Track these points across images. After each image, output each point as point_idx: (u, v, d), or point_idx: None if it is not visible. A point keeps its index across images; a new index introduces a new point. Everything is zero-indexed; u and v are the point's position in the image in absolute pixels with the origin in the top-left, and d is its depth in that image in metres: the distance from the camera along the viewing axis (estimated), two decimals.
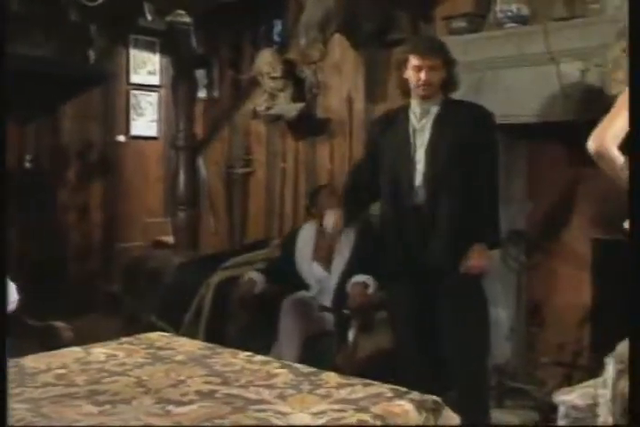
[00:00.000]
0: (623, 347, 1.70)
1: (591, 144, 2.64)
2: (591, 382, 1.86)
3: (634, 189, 1.51)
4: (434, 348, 3.37)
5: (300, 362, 3.05)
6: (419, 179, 3.26)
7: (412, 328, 3.35)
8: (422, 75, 3.23)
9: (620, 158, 2.60)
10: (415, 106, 3.32)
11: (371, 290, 3.72)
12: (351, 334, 3.62)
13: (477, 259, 3.17)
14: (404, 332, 3.42)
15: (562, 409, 1.85)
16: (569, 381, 3.45)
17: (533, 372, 3.83)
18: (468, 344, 3.27)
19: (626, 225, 1.70)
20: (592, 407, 1.77)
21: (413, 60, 3.23)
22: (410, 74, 3.26)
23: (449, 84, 3.31)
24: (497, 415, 3.46)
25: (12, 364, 2.28)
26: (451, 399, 3.37)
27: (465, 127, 3.22)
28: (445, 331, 3.27)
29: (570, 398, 1.82)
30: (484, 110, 3.31)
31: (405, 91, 3.36)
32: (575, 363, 3.60)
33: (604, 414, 1.66)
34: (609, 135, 2.60)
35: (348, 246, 3.94)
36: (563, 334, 3.72)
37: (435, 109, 3.29)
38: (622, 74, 2.86)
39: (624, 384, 1.59)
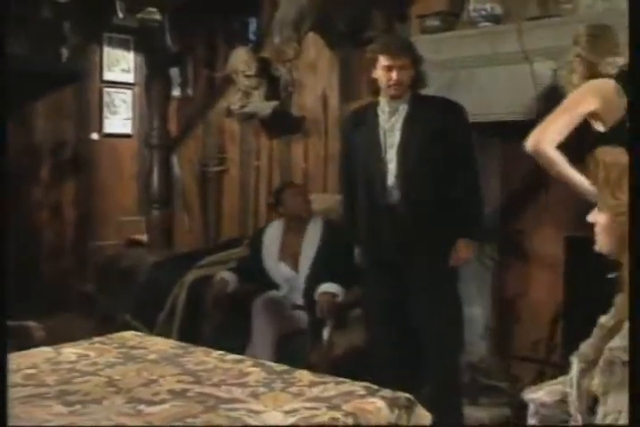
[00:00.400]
0: (586, 346, 1.71)
1: (528, 144, 2.79)
2: (560, 379, 1.87)
3: (634, 190, 1.52)
4: (408, 345, 3.38)
5: (274, 361, 3.06)
6: (391, 179, 3.26)
7: (386, 326, 3.36)
8: (393, 75, 3.22)
9: (556, 158, 2.74)
10: (384, 104, 3.31)
11: (339, 299, 3.67)
12: (325, 332, 3.61)
13: (464, 252, 3.24)
14: (378, 329, 3.42)
15: (531, 407, 1.86)
16: (542, 378, 3.47)
17: (507, 369, 3.85)
18: (441, 341, 3.28)
19: (590, 219, 1.71)
20: (560, 404, 1.78)
21: (383, 61, 3.21)
22: (379, 74, 3.24)
23: (417, 81, 3.30)
24: (471, 412, 3.48)
25: None
26: (424, 397, 3.44)
27: (436, 123, 3.22)
28: (419, 328, 3.28)
29: (538, 395, 1.83)
30: (454, 104, 3.30)
31: (374, 90, 3.35)
32: (548, 360, 3.62)
33: (574, 412, 1.68)
34: (546, 136, 2.75)
35: (314, 246, 3.90)
36: (536, 332, 3.74)
37: (404, 108, 3.28)
38: (576, 78, 2.88)
39: (588, 383, 1.60)
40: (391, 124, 3.28)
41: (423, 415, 2.00)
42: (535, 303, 3.84)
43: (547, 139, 2.75)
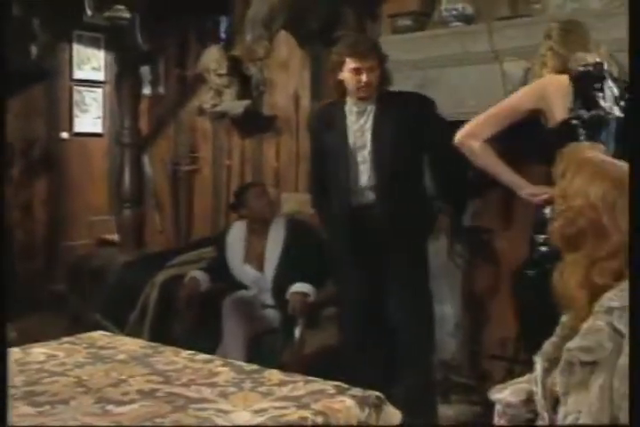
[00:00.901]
0: (549, 345, 1.72)
1: (456, 136, 2.88)
2: (525, 377, 1.88)
3: (634, 190, 1.53)
4: (382, 344, 3.39)
5: (246, 361, 3.05)
6: (364, 180, 3.26)
7: (360, 325, 3.36)
8: (363, 77, 3.18)
9: (480, 152, 2.85)
10: (352, 105, 3.28)
11: (311, 298, 3.66)
12: (297, 331, 3.61)
13: None
14: (352, 328, 3.42)
15: (498, 407, 1.87)
16: (511, 375, 3.49)
17: (477, 367, 3.87)
18: (418, 339, 3.30)
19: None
20: (526, 403, 1.79)
21: (351, 63, 3.18)
22: (347, 76, 3.20)
23: (384, 80, 3.28)
24: (443, 410, 3.49)
25: None
26: (397, 395, 3.46)
27: (407, 119, 3.20)
28: (395, 327, 3.28)
29: (503, 395, 1.84)
30: (423, 97, 3.30)
31: (341, 92, 3.31)
32: (517, 358, 3.64)
33: (540, 411, 1.69)
34: (473, 130, 2.85)
35: (278, 247, 3.87)
36: (505, 330, 3.76)
37: (372, 108, 3.25)
38: (546, 73, 2.91)
39: (551, 382, 1.60)
40: (360, 125, 3.26)
41: (393, 413, 2.00)
42: (504, 302, 3.86)
43: (473, 133, 2.85)
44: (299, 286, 3.67)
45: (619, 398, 1.46)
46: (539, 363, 1.70)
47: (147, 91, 5.73)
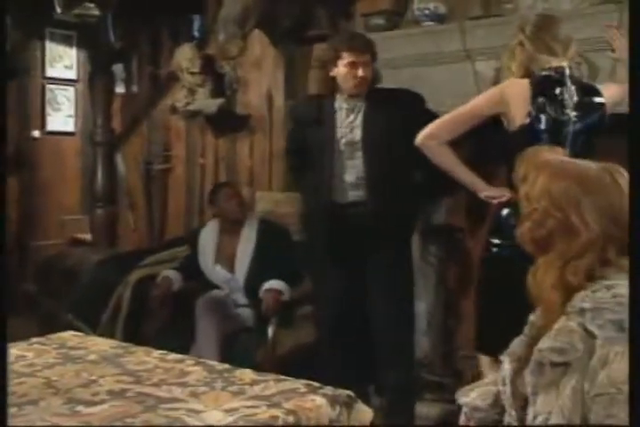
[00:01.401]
0: (517, 344, 1.72)
1: (417, 137, 2.94)
2: (490, 377, 1.88)
3: (634, 190, 1.54)
4: (360, 344, 3.39)
5: (219, 360, 3.05)
6: (350, 177, 3.24)
7: (338, 324, 3.34)
8: (359, 71, 3.17)
9: (438, 154, 2.92)
10: (342, 102, 3.27)
11: (285, 296, 3.66)
12: (270, 331, 3.61)
13: None
14: (329, 327, 3.41)
15: (465, 410, 1.87)
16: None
17: (450, 365, 3.89)
18: (396, 340, 3.30)
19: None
20: (493, 406, 1.79)
21: (348, 57, 3.16)
22: (342, 71, 3.19)
23: (374, 77, 3.28)
24: (417, 409, 3.49)
25: None
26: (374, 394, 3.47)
27: (397, 116, 3.20)
28: (377, 327, 3.28)
29: (470, 399, 1.84)
30: (413, 94, 3.30)
31: (331, 88, 3.29)
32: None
33: (508, 409, 1.69)
34: (433, 132, 2.92)
35: (250, 247, 3.86)
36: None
37: (361, 104, 3.24)
38: (515, 66, 2.93)
39: (520, 381, 1.60)
40: (349, 121, 3.24)
41: (364, 411, 2.01)
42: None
43: (433, 135, 2.91)
44: (272, 284, 3.67)
45: (589, 400, 1.47)
46: (506, 363, 1.70)
47: (120, 89, 5.69)
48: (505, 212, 2.82)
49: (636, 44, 1.68)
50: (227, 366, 2.28)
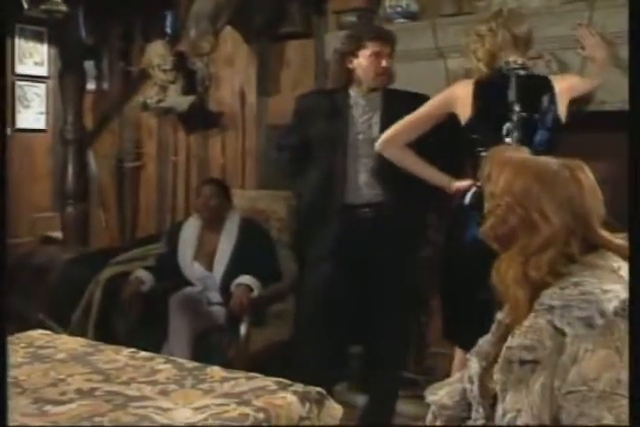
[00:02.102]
0: (484, 342, 1.72)
1: (376, 144, 3.06)
2: (457, 375, 1.89)
3: (634, 190, 1.55)
4: (343, 343, 3.39)
5: (191, 359, 3.02)
6: (364, 177, 3.19)
7: (326, 324, 3.30)
8: (384, 62, 3.13)
9: (399, 156, 3.02)
10: (358, 97, 3.21)
11: (255, 293, 3.64)
12: (243, 329, 3.59)
13: None
14: (316, 324, 3.36)
15: (433, 408, 1.87)
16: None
17: (422, 362, 3.90)
18: (397, 338, 3.32)
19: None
20: (461, 403, 1.80)
21: (373, 47, 3.12)
22: (364, 62, 3.14)
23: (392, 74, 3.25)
24: None
25: None
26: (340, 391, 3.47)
27: None
28: (374, 328, 3.26)
29: (438, 397, 1.85)
30: (425, 97, 3.27)
31: (346, 81, 3.23)
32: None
33: (476, 406, 1.69)
34: (391, 136, 3.02)
35: (230, 245, 3.83)
36: None
37: (379, 101, 3.20)
38: (482, 52, 2.98)
39: (489, 379, 1.61)
40: (367, 117, 3.18)
41: (334, 408, 2.01)
42: None
43: (392, 139, 3.02)
44: (242, 279, 3.66)
45: (561, 398, 1.48)
46: (474, 361, 1.70)
47: (91, 86, 5.62)
48: (467, 200, 2.86)
49: (636, 44, 1.69)
50: (197, 363, 2.27)
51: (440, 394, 1.84)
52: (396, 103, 3.17)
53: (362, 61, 3.15)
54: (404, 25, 3.77)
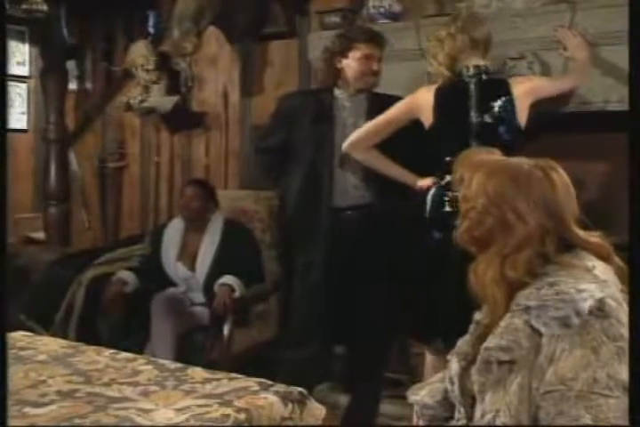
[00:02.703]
0: (463, 343, 1.73)
1: (343, 146, 3.13)
2: (439, 375, 1.89)
3: (634, 190, 1.56)
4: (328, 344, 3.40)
5: (174, 359, 3.02)
6: (352, 179, 3.20)
7: (314, 324, 3.33)
8: (374, 65, 3.14)
9: (365, 157, 3.11)
10: (344, 99, 3.22)
11: (237, 294, 3.64)
12: (226, 329, 3.58)
13: None
14: (303, 323, 3.39)
15: (416, 408, 1.88)
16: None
17: (406, 362, 3.89)
18: (371, 350, 3.35)
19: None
20: (443, 403, 1.81)
21: (365, 49, 3.14)
22: (353, 64, 3.15)
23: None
24: None
25: None
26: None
27: None
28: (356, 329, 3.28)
29: (420, 397, 1.85)
30: None
31: (333, 82, 3.24)
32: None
33: (457, 406, 1.70)
34: (356, 139, 3.09)
35: (213, 246, 3.82)
36: None
37: (364, 105, 3.21)
38: (441, 56, 3.00)
39: (469, 380, 1.61)
40: (352, 121, 3.18)
41: (316, 409, 2.00)
42: None
43: (358, 142, 3.09)
44: (225, 279, 3.66)
45: (539, 398, 1.49)
46: (454, 362, 1.70)
47: (73, 86, 5.59)
48: (429, 197, 2.89)
49: (636, 44, 1.70)
50: (178, 364, 2.26)
51: (422, 394, 1.85)
52: (382, 107, 3.15)
53: (351, 63, 3.17)
54: (387, 25, 3.77)
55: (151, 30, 5.12)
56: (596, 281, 1.52)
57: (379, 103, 3.19)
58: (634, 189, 1.57)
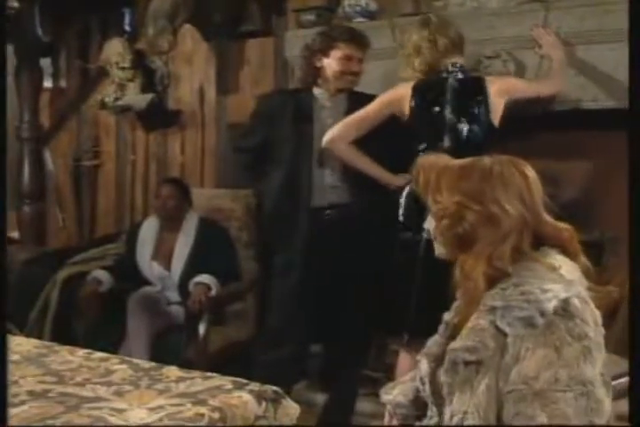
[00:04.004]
0: (432, 343, 1.73)
1: (323, 141, 3.10)
2: (411, 374, 1.89)
3: (634, 190, 1.57)
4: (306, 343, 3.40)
5: (150, 358, 3.00)
6: (332, 178, 3.19)
7: (292, 319, 3.32)
8: (354, 66, 3.13)
9: (344, 153, 3.09)
10: (324, 99, 3.21)
11: (213, 292, 3.62)
12: (202, 328, 3.57)
13: None
14: (281, 323, 3.38)
15: (388, 407, 1.88)
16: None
17: (383, 359, 3.90)
18: (351, 348, 3.35)
19: (425, 225, 1.74)
20: (415, 402, 1.81)
21: (346, 49, 3.12)
22: (333, 63, 3.13)
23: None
24: None
25: None
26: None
27: None
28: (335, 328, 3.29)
29: (392, 396, 1.86)
30: None
31: (312, 81, 3.23)
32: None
33: (430, 405, 1.70)
34: (334, 135, 3.08)
35: (188, 245, 3.82)
36: None
37: (344, 104, 3.20)
38: (418, 63, 3.03)
39: (442, 380, 1.61)
40: (332, 121, 3.15)
41: (291, 407, 2.00)
42: None
43: (338, 137, 3.07)
44: (201, 278, 3.64)
45: (504, 398, 1.49)
46: (424, 362, 1.71)
47: (47, 84, 5.54)
48: (403, 197, 2.93)
49: (636, 43, 1.71)
50: (153, 363, 2.24)
51: (394, 393, 1.85)
52: (362, 106, 3.15)
53: (331, 62, 3.16)
54: (363, 24, 3.77)
55: (126, 28, 5.10)
56: (561, 281, 1.53)
57: (358, 103, 3.18)
58: (634, 188, 1.59)
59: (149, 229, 3.93)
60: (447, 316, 1.73)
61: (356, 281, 3.23)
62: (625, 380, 1.95)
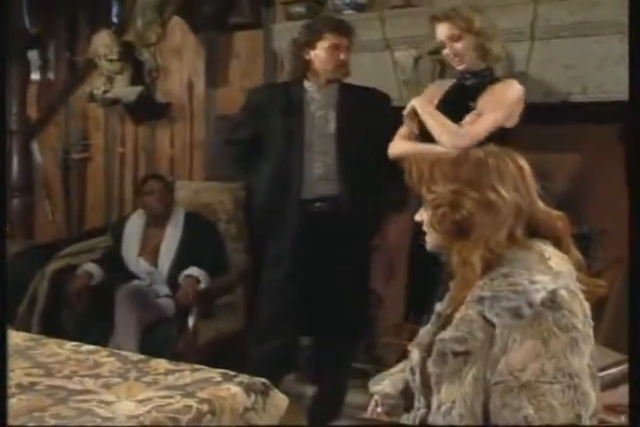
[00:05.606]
0: (424, 333, 1.73)
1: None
2: (400, 365, 1.90)
3: (634, 189, 1.58)
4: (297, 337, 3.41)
5: (139, 351, 3.00)
6: (322, 170, 3.17)
7: (282, 313, 3.31)
8: (342, 55, 3.10)
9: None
10: (314, 92, 3.19)
11: (202, 285, 3.63)
12: (191, 321, 3.57)
13: None
14: (271, 315, 3.37)
15: (376, 397, 1.89)
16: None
17: (373, 352, 3.91)
18: (342, 341, 3.35)
19: (416, 217, 1.73)
20: (404, 393, 1.82)
21: (333, 39, 3.10)
22: (321, 54, 3.12)
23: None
24: None
25: None
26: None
27: (368, 113, 3.13)
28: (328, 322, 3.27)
29: (381, 387, 1.86)
30: (382, 93, 3.27)
31: (302, 74, 3.21)
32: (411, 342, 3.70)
33: (418, 396, 1.70)
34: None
35: (175, 240, 3.81)
36: (399, 315, 3.81)
37: (335, 96, 3.18)
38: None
39: (430, 370, 1.61)
40: (322, 114, 3.15)
41: (279, 399, 2.00)
42: (397, 287, 3.91)
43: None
44: (191, 271, 3.65)
45: (491, 389, 1.50)
46: (414, 352, 1.71)
47: (35, 76, 5.51)
48: None
49: (636, 42, 1.71)
50: (141, 356, 2.25)
51: (384, 384, 1.85)
52: (352, 98, 3.16)
53: (319, 53, 3.14)
54: (352, 16, 3.76)
55: (115, 20, 5.06)
56: (550, 273, 1.54)
57: (349, 95, 3.18)
58: (633, 187, 1.60)
59: (135, 226, 3.92)
60: (439, 306, 1.73)
61: (345, 273, 3.23)
62: (613, 371, 1.96)
